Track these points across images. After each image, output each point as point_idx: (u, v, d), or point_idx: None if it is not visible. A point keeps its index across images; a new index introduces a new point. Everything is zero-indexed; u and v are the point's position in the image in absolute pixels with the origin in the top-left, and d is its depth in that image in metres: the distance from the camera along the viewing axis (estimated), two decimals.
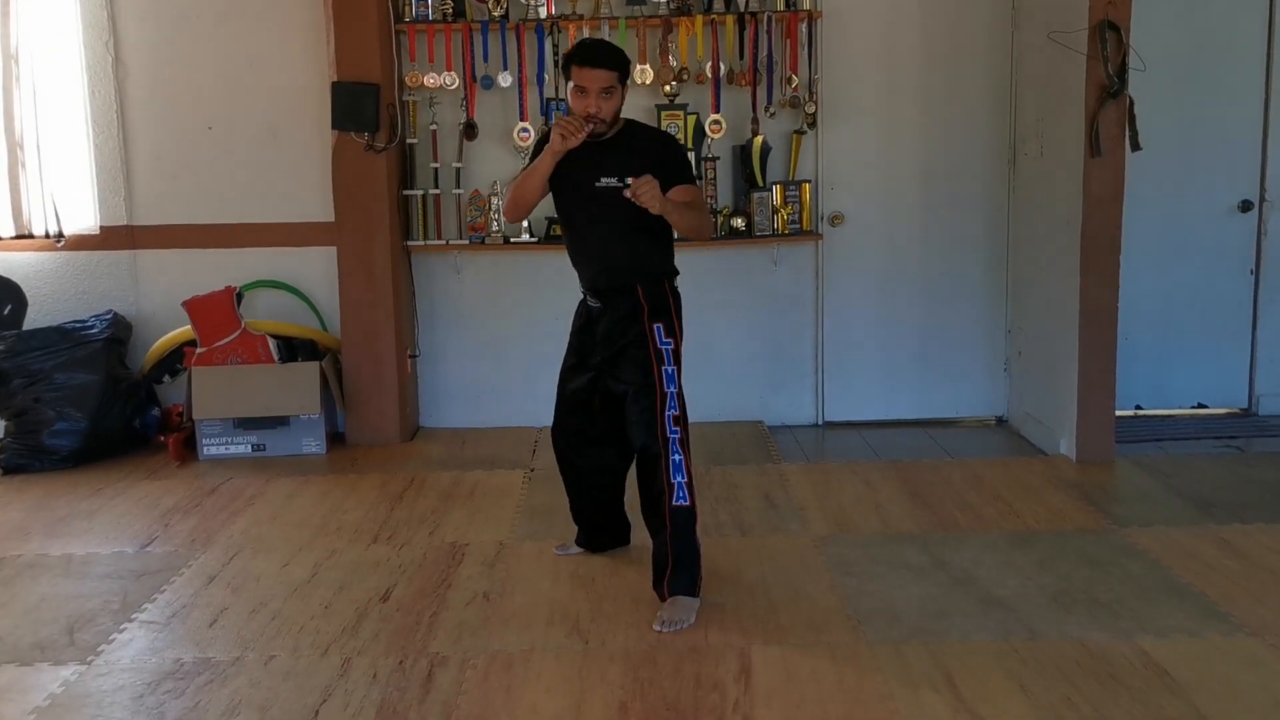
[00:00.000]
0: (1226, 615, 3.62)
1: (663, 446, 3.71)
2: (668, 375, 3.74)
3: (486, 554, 4.30)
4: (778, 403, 6.18)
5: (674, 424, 3.73)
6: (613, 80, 3.65)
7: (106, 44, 5.87)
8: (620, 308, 3.79)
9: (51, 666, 3.44)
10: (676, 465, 3.71)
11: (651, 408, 3.73)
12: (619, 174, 3.65)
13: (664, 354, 3.74)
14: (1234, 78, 5.90)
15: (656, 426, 3.72)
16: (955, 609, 3.71)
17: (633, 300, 3.76)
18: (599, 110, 3.63)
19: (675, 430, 3.73)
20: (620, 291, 3.79)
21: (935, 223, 6.06)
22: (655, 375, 3.73)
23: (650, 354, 3.74)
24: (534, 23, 5.76)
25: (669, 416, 3.73)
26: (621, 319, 3.79)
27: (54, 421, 5.49)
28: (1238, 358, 6.09)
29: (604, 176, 3.70)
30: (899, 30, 5.94)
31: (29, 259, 5.99)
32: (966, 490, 4.94)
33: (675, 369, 3.76)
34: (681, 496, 3.71)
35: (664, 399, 3.73)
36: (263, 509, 4.89)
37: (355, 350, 5.83)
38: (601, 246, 3.83)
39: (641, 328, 3.74)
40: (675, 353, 3.77)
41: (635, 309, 3.76)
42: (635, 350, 3.76)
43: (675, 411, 3.74)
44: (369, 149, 5.65)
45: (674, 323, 3.79)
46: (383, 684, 3.28)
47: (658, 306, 3.77)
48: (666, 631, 3.56)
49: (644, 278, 3.79)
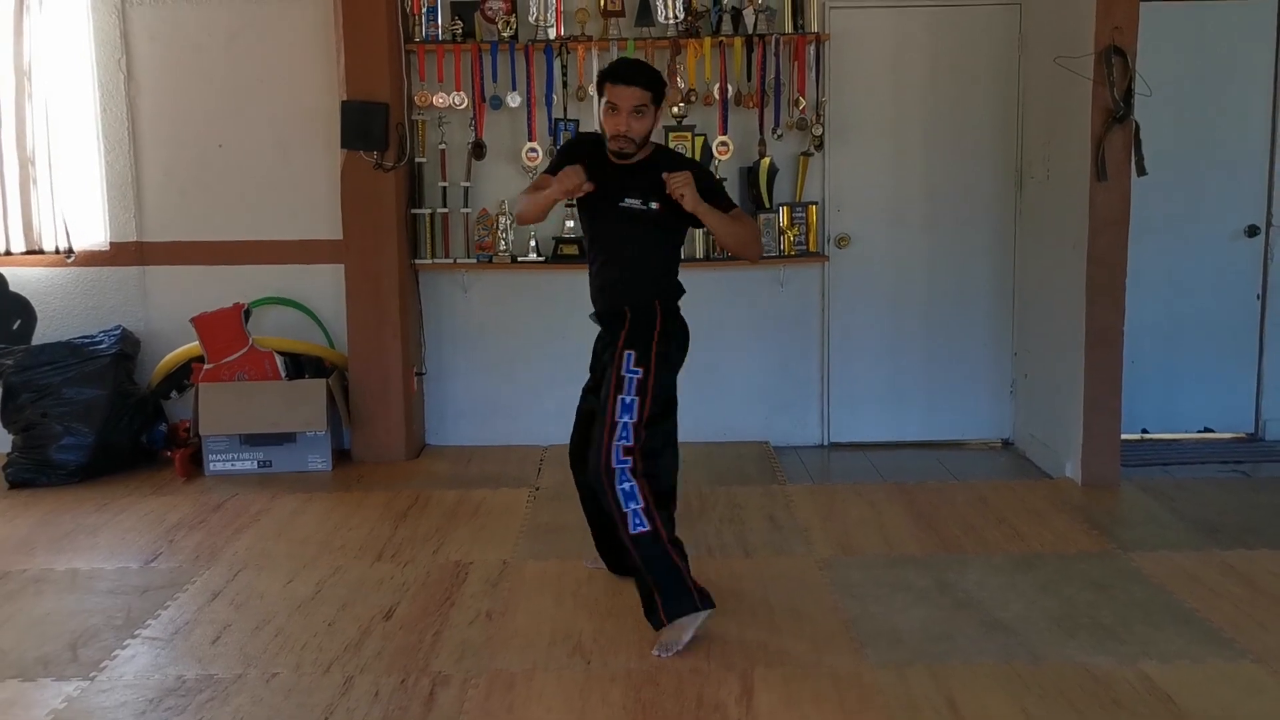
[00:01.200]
0: (1230, 641, 3.61)
1: (606, 477, 3.58)
2: (623, 404, 3.62)
3: (490, 573, 4.30)
4: (783, 423, 6.18)
5: (623, 454, 3.58)
6: (645, 100, 3.63)
7: (119, 61, 5.91)
8: (612, 329, 3.78)
9: (55, 682, 3.45)
10: (627, 493, 3.56)
11: (601, 432, 3.63)
12: (643, 196, 3.65)
13: (626, 381, 3.63)
14: (1240, 103, 5.91)
15: (602, 455, 3.60)
16: (958, 632, 3.71)
17: (619, 324, 3.75)
18: (629, 129, 3.62)
19: (625, 460, 3.58)
20: (613, 314, 3.79)
21: (941, 246, 6.07)
22: (611, 403, 3.63)
23: (613, 380, 3.66)
24: (543, 44, 5.79)
25: (618, 446, 3.59)
26: (609, 342, 3.77)
27: (61, 436, 5.51)
28: (1244, 382, 6.09)
29: (628, 197, 3.69)
30: (906, 53, 5.96)
31: (39, 274, 6.03)
32: (971, 513, 4.93)
33: (638, 399, 3.63)
34: (639, 523, 3.56)
35: (612, 429, 3.60)
36: (268, 525, 4.90)
37: (362, 367, 5.84)
38: (620, 268, 3.81)
39: (613, 352, 3.70)
40: (642, 383, 3.64)
41: (618, 333, 3.73)
42: (607, 374, 3.72)
43: (627, 442, 3.59)
44: (378, 167, 5.68)
45: (650, 351, 3.68)
46: (385, 702, 3.28)
47: (636, 334, 3.70)
48: (666, 656, 3.54)
49: (633, 301, 3.75)
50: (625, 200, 3.69)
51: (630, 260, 3.78)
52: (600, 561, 4.26)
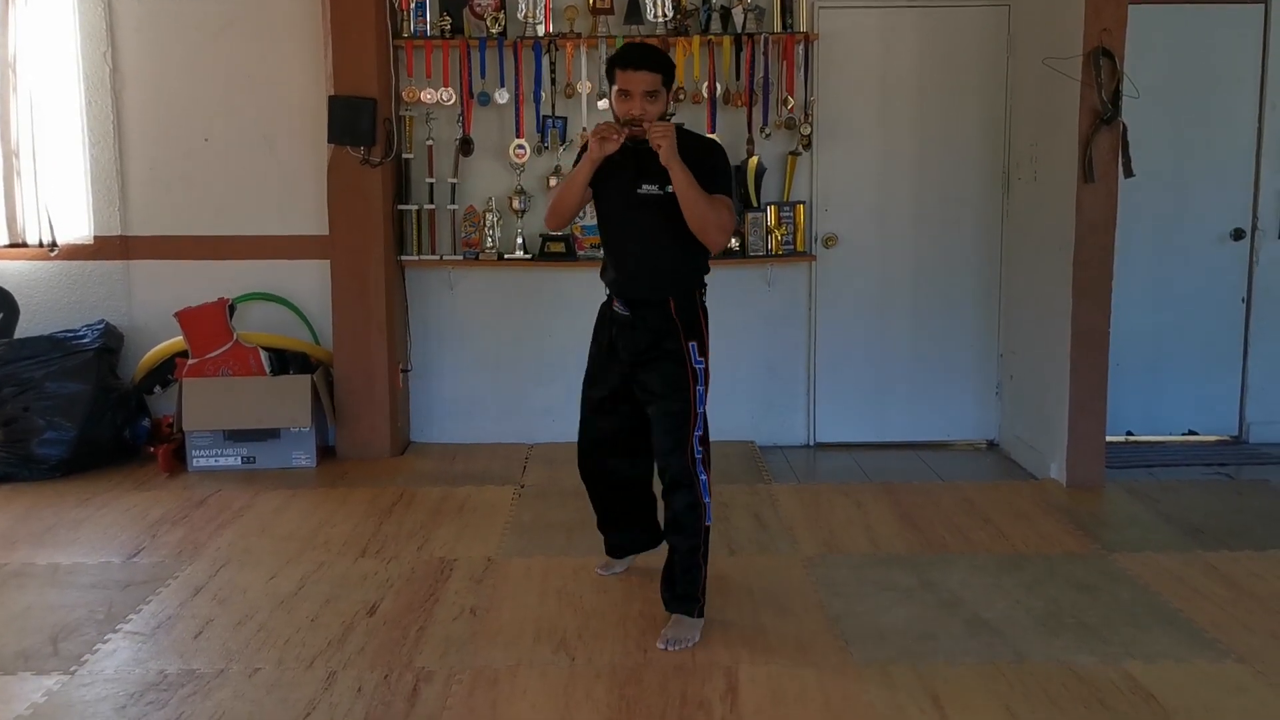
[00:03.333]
0: (1214, 641, 3.62)
1: (692, 466, 3.69)
2: (700, 395, 3.71)
3: (474, 569, 4.29)
4: (769, 423, 6.18)
5: (700, 444, 3.71)
6: (656, 83, 3.62)
7: (104, 54, 5.88)
8: (650, 319, 3.74)
9: (35, 676, 3.42)
10: (705, 485, 3.70)
11: (683, 428, 3.69)
12: (660, 181, 3.62)
13: (698, 373, 3.71)
14: (1227, 106, 5.94)
15: (686, 447, 3.69)
16: (943, 631, 3.71)
17: (664, 313, 3.72)
18: (643, 113, 3.59)
19: (700, 450, 3.71)
20: (650, 303, 3.74)
21: (928, 246, 6.08)
22: (690, 395, 3.69)
23: (687, 373, 3.70)
24: (531, 40, 5.78)
25: (696, 437, 3.71)
26: (652, 331, 3.73)
27: (43, 430, 5.48)
28: (1229, 385, 6.11)
29: (645, 183, 3.66)
30: (895, 53, 5.97)
31: (22, 268, 5.99)
32: (956, 513, 4.94)
33: (704, 389, 3.74)
34: (709, 516, 3.71)
35: (695, 420, 3.70)
36: (251, 521, 4.88)
37: (347, 364, 5.82)
38: (637, 254, 3.78)
39: (676, 344, 3.70)
40: (706, 373, 3.75)
41: (667, 323, 3.71)
42: (668, 366, 3.71)
43: (701, 432, 3.72)
44: (365, 163, 5.66)
45: (705, 341, 3.77)
46: (368, 698, 3.27)
47: (690, 322, 3.73)
48: (671, 650, 3.55)
49: (676, 290, 3.74)
50: (642, 186, 3.68)
51: (658, 248, 3.73)
52: (615, 565, 4.23)
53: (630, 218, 3.75)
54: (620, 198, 3.75)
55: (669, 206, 3.60)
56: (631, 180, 3.68)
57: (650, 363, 3.74)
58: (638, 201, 3.69)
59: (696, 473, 3.69)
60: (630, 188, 3.69)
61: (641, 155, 3.64)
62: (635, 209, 3.71)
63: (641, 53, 3.69)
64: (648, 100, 3.60)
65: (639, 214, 3.71)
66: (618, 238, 3.82)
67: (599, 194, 3.80)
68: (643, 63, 3.62)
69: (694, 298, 3.77)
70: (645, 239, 3.73)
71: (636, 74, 3.60)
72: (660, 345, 3.72)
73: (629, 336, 3.78)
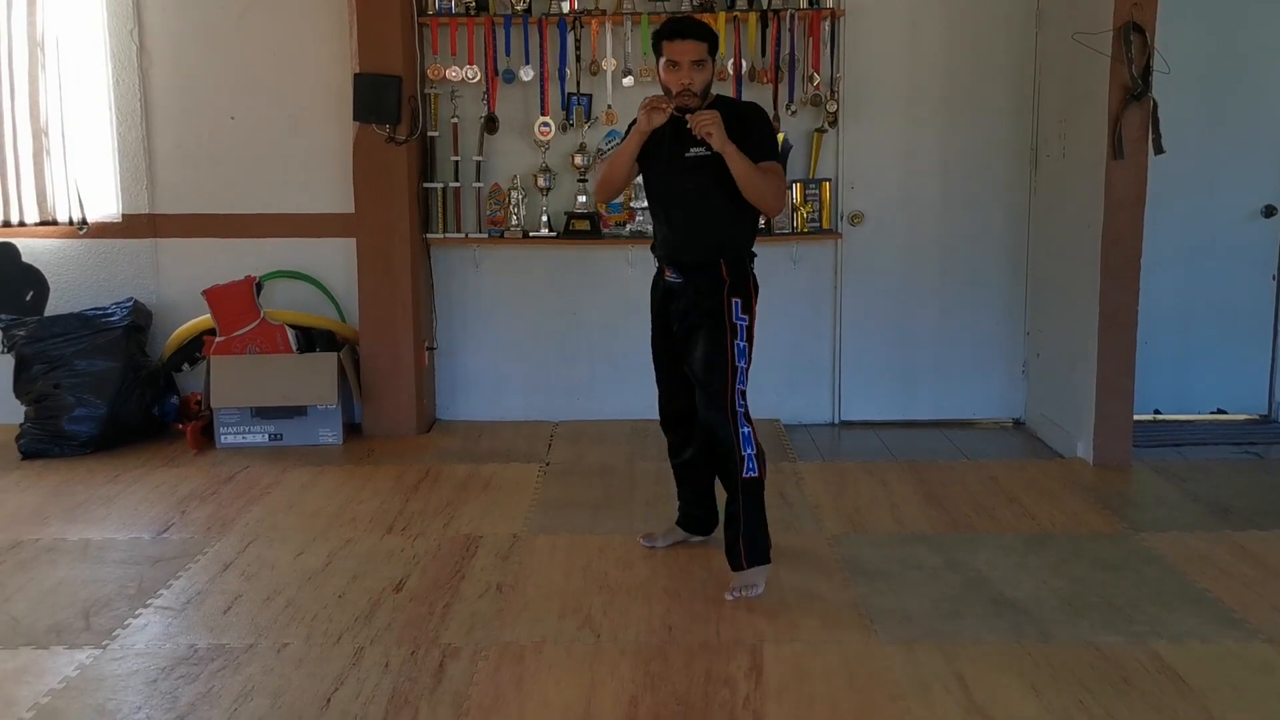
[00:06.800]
0: (1241, 621, 3.60)
1: (731, 420, 3.74)
2: (739, 349, 3.76)
3: (500, 546, 4.31)
4: (794, 401, 6.17)
5: (740, 398, 3.76)
6: (703, 52, 3.71)
7: (131, 33, 5.90)
8: (700, 282, 3.79)
9: (67, 650, 3.47)
10: (746, 438, 3.75)
11: (722, 380, 3.74)
12: (708, 144, 3.66)
13: (738, 328, 3.75)
14: (1259, 82, 5.86)
15: (725, 399, 3.74)
16: (968, 610, 3.71)
17: (714, 275, 3.77)
18: (691, 82, 3.69)
19: (742, 404, 3.76)
20: (702, 266, 3.80)
21: (955, 223, 6.04)
22: (727, 348, 3.74)
23: (725, 327, 3.74)
24: (556, 17, 5.77)
25: (738, 391, 3.75)
26: (700, 293, 3.79)
27: (74, 408, 5.53)
28: (1258, 363, 6.05)
29: (693, 147, 3.73)
30: (922, 29, 5.92)
31: (52, 245, 6.04)
32: (982, 492, 4.93)
33: (747, 345, 3.78)
34: (751, 469, 3.76)
35: (734, 373, 3.74)
36: (279, 498, 4.91)
37: (373, 342, 5.84)
38: (687, 219, 3.84)
39: (718, 300, 3.75)
40: (749, 329, 3.79)
41: (716, 283, 3.76)
42: (710, 322, 3.76)
43: (743, 386, 3.77)
44: (390, 141, 5.66)
45: (751, 301, 3.80)
46: (395, 673, 3.29)
47: (738, 282, 3.78)
48: (739, 597, 3.65)
49: (728, 253, 3.79)
50: (691, 151, 3.74)
51: (712, 208, 3.79)
52: (662, 539, 4.26)
53: (680, 182, 3.81)
54: (668, 165, 3.82)
55: (718, 167, 3.67)
56: (680, 146, 3.75)
57: (698, 324, 3.80)
58: (687, 166, 3.76)
59: (738, 425, 3.74)
60: (679, 153, 3.76)
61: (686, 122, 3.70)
62: (685, 174, 3.78)
63: (687, 24, 3.79)
64: (695, 69, 3.70)
65: (689, 178, 3.78)
66: (668, 204, 3.89)
67: (646, 165, 3.87)
68: (689, 33, 3.72)
69: (745, 263, 3.83)
70: (697, 202, 3.80)
71: (684, 44, 3.70)
72: (704, 305, 3.78)
73: (680, 303, 3.84)
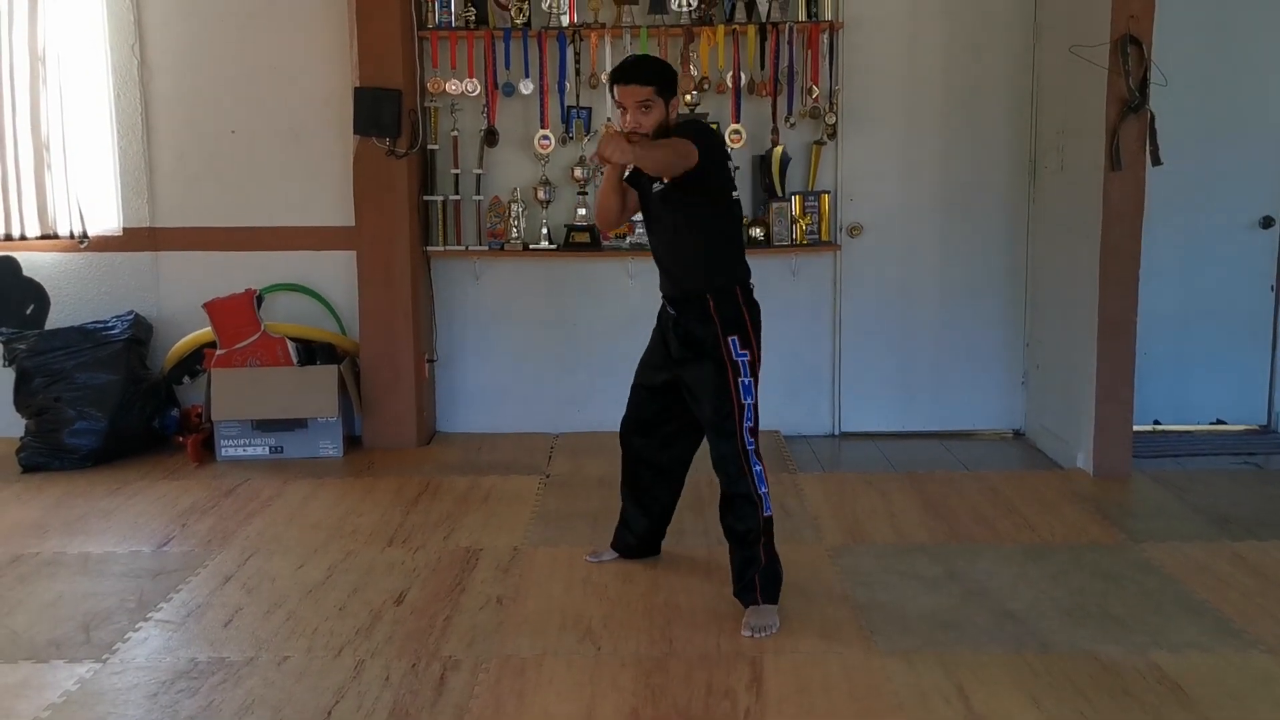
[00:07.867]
0: (1241, 631, 3.60)
1: (745, 461, 3.74)
2: (743, 386, 3.75)
3: (500, 559, 4.31)
4: (794, 412, 6.17)
5: (751, 436, 3.76)
6: (648, 95, 3.68)
7: (132, 46, 5.92)
8: (692, 316, 3.80)
9: (67, 664, 3.47)
10: (759, 476, 3.75)
11: (728, 421, 3.73)
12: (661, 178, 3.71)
13: (740, 365, 3.74)
14: (1256, 94, 5.88)
15: (736, 440, 3.73)
16: (968, 621, 3.71)
17: (703, 309, 3.76)
18: (639, 125, 3.69)
19: (752, 441, 3.76)
20: (689, 300, 3.80)
21: (954, 235, 6.05)
22: (731, 388, 3.73)
23: (726, 368, 3.73)
24: (556, 31, 5.79)
25: (747, 430, 3.75)
26: (695, 327, 3.79)
27: (74, 421, 5.53)
28: (1257, 374, 6.06)
29: (655, 182, 3.76)
30: (920, 42, 5.94)
31: (53, 259, 6.05)
32: (981, 503, 4.93)
33: (751, 381, 3.77)
34: (767, 508, 3.75)
35: (741, 411, 3.74)
36: (279, 511, 4.92)
37: (373, 354, 5.85)
38: (665, 253, 3.87)
39: (714, 341, 3.74)
40: (752, 364, 3.77)
41: (706, 321, 3.76)
42: (707, 365, 3.76)
43: (750, 423, 3.76)
44: (390, 154, 5.68)
45: (749, 335, 3.78)
46: (395, 686, 3.29)
47: (730, 318, 3.76)
48: (757, 638, 3.58)
49: (711, 286, 3.77)
50: (654, 185, 3.77)
51: (687, 245, 3.80)
52: (606, 553, 4.27)
53: (658, 215, 3.85)
54: (646, 201, 3.87)
55: (684, 198, 3.70)
56: (648, 181, 3.78)
57: (691, 361, 3.81)
58: (657, 200, 3.79)
59: (749, 464, 3.74)
60: (648, 188, 3.81)
61: None
62: (657, 208, 3.82)
63: (632, 68, 3.79)
64: (641, 111, 3.69)
65: (661, 212, 3.82)
66: (652, 239, 3.95)
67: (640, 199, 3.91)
68: (633, 77, 3.73)
69: (733, 293, 3.78)
70: (671, 235, 3.83)
71: (627, 88, 3.71)
72: (700, 344, 3.78)
73: (676, 336, 3.86)
